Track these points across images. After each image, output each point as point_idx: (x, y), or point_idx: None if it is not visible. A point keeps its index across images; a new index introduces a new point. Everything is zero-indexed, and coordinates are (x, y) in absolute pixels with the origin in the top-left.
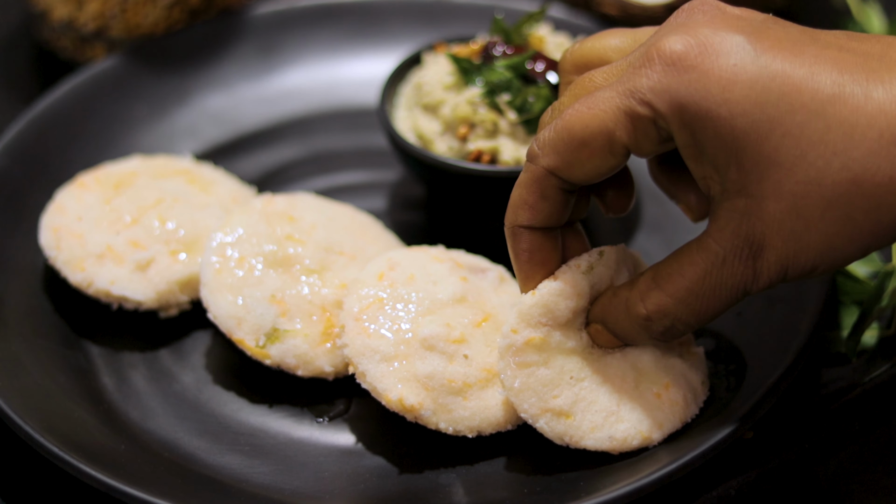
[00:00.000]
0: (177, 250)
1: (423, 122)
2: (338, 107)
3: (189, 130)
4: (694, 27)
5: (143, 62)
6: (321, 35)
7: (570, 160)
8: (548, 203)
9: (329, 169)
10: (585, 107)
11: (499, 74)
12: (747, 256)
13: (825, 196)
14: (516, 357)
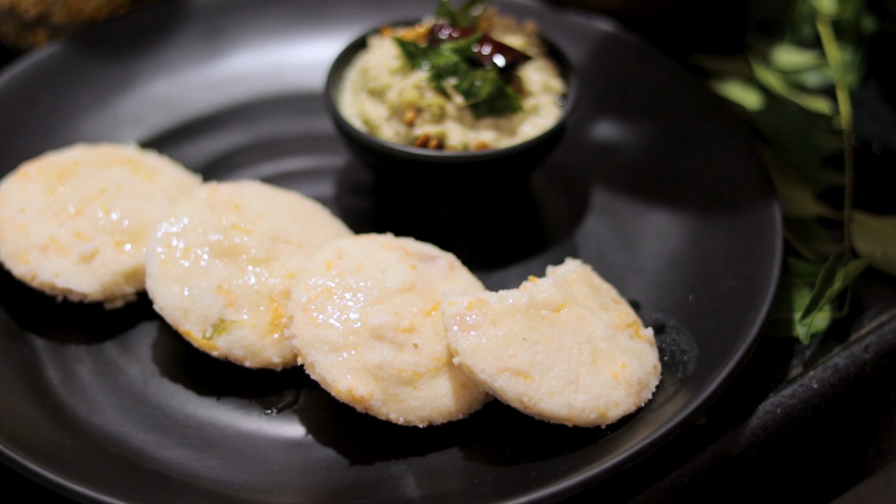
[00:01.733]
0: (121, 241)
1: (370, 107)
2: (284, 91)
3: (133, 117)
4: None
5: (85, 48)
6: (267, 18)
7: None
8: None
9: (275, 155)
10: None
11: (445, 58)
12: None
13: None
14: (462, 321)
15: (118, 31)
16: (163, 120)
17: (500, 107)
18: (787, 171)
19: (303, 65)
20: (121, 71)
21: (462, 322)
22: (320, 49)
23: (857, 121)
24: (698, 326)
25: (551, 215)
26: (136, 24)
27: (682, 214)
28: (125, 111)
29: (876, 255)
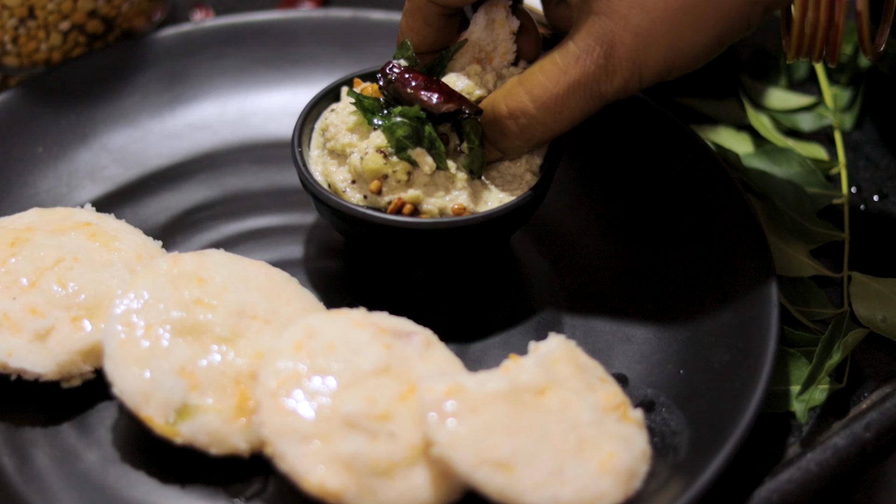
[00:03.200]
0: (78, 316)
1: (332, 170)
2: (249, 140)
3: (90, 171)
4: None
5: (38, 96)
6: (230, 60)
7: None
8: (431, 29)
9: (240, 212)
10: None
11: (402, 128)
12: (599, 55)
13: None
14: (440, 409)
15: (73, 75)
16: (122, 173)
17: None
18: (782, 225)
19: (269, 111)
20: (77, 120)
21: (440, 410)
22: (287, 93)
23: (854, 167)
24: (690, 405)
25: (533, 277)
26: (93, 68)
27: (670, 278)
28: (82, 164)
29: (877, 321)
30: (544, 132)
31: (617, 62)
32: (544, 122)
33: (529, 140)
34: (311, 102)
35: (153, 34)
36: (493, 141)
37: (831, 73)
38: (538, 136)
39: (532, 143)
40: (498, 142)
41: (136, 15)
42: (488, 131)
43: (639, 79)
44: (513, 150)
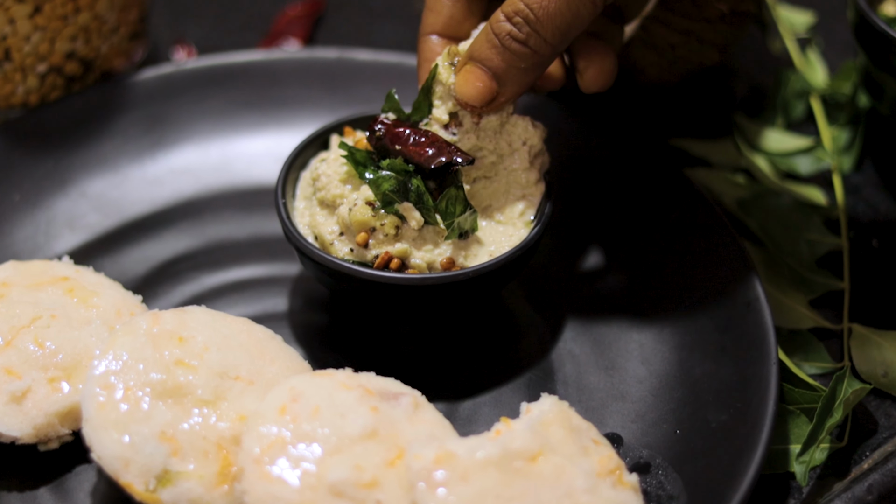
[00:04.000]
0: (56, 377)
1: (321, 221)
2: (232, 186)
3: (68, 219)
4: None
5: (15, 141)
6: (213, 103)
7: None
8: (448, 4)
9: (223, 262)
10: None
11: (388, 181)
12: None
13: None
14: (429, 478)
15: (51, 119)
16: (101, 221)
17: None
18: (780, 274)
19: (252, 155)
20: (54, 166)
21: (429, 479)
22: (271, 138)
23: (854, 211)
24: (686, 467)
25: (525, 330)
26: (71, 112)
27: (666, 332)
28: (60, 212)
29: (878, 376)
30: (542, 46)
31: None
32: (543, 32)
33: (529, 55)
34: (296, 151)
35: (133, 76)
36: (487, 59)
37: (830, 112)
38: (537, 48)
39: (530, 64)
40: (492, 61)
41: (115, 55)
42: (483, 51)
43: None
44: (509, 75)
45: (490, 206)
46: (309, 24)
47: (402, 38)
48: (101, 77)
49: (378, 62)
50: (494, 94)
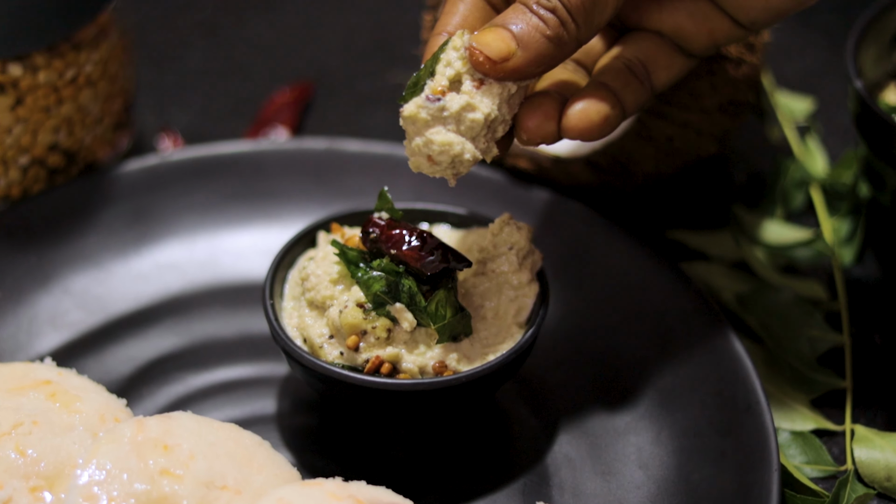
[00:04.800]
0: (38, 486)
1: (310, 323)
2: (219, 282)
3: (51, 317)
4: None
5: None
6: (199, 195)
7: None
8: (461, 3)
9: (209, 362)
10: None
11: (378, 282)
12: None
13: None
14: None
15: (33, 214)
16: (84, 319)
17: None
18: (780, 373)
19: (239, 250)
20: (37, 262)
21: None
22: (259, 232)
23: (856, 306)
24: None
25: (519, 433)
26: (54, 206)
27: (664, 436)
28: (43, 310)
29: (882, 480)
30: (568, 21)
31: None
32: (570, 4)
33: (553, 28)
34: (284, 249)
35: (117, 168)
36: (512, 20)
37: (830, 202)
38: (565, 20)
39: (553, 35)
40: (517, 21)
41: (99, 146)
42: (509, 14)
43: None
44: (530, 39)
45: (482, 307)
46: (297, 111)
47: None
48: (85, 169)
49: (368, 153)
50: (511, 54)
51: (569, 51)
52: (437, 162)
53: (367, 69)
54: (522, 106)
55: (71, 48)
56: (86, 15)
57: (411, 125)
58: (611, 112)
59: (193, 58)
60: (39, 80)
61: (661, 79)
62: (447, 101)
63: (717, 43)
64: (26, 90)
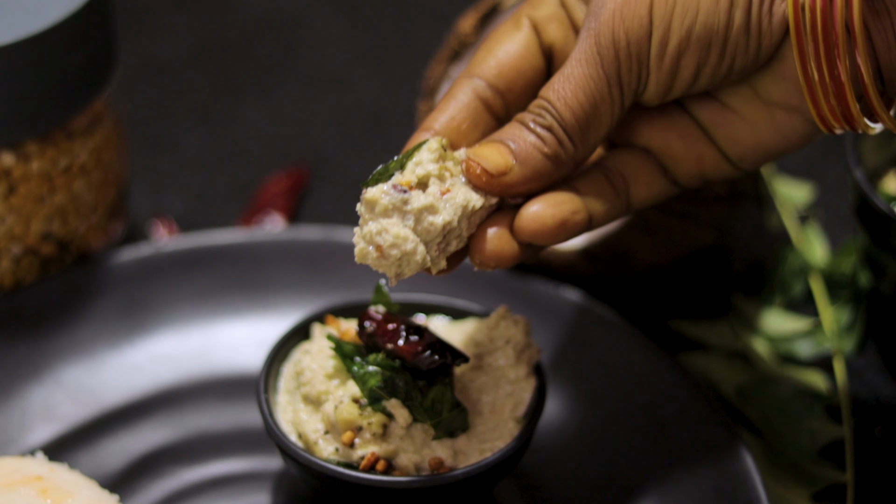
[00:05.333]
0: None
1: (304, 418)
2: (213, 374)
3: (43, 409)
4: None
5: None
6: (193, 286)
7: (481, 53)
8: (454, 101)
9: (203, 456)
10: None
11: (374, 377)
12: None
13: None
14: None
15: (25, 304)
16: (76, 411)
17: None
18: (781, 466)
19: (234, 341)
20: (29, 353)
21: None
22: (253, 323)
23: (856, 397)
24: None
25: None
26: (46, 296)
27: None
28: (34, 402)
29: None
30: (563, 134)
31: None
32: (564, 118)
33: (551, 145)
34: (279, 343)
35: (111, 258)
36: (510, 136)
37: (831, 290)
38: (559, 136)
39: (551, 152)
40: (515, 138)
41: (93, 235)
42: (506, 130)
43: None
44: (528, 156)
45: (479, 401)
46: (292, 199)
47: None
48: (79, 258)
49: None
50: (508, 169)
51: (566, 169)
52: (385, 255)
53: (363, 154)
54: (480, 227)
55: (64, 136)
56: (80, 103)
57: (369, 210)
58: (569, 217)
59: (188, 142)
60: (32, 168)
61: (640, 195)
62: (412, 195)
63: (704, 173)
64: (19, 179)
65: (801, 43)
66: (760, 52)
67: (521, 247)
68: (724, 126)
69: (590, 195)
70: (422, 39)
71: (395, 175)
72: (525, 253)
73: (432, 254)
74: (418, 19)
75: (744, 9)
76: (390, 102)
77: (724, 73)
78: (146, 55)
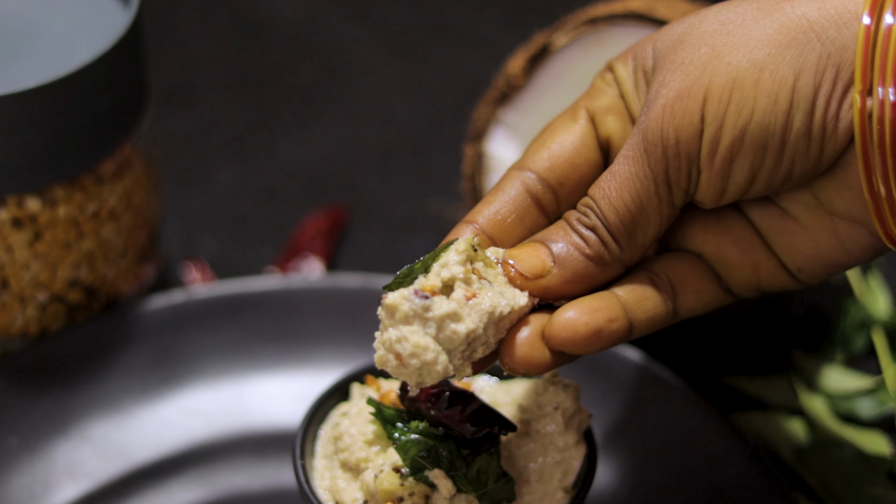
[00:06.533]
0: None
1: (342, 485)
2: (246, 429)
3: (69, 465)
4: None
5: (12, 379)
6: (226, 335)
7: (535, 145)
8: (501, 194)
9: None
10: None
11: (416, 445)
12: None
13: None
14: None
15: (52, 354)
16: (104, 468)
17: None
18: None
19: (268, 395)
20: (54, 406)
21: None
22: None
23: None
24: None
25: None
26: (73, 346)
27: None
28: (60, 458)
29: None
30: (608, 235)
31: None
32: (608, 219)
33: (594, 247)
34: (316, 405)
35: (141, 306)
36: (551, 237)
37: (894, 345)
38: (603, 236)
39: (594, 253)
40: (556, 238)
41: (123, 280)
42: (549, 231)
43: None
44: (569, 258)
45: (526, 469)
46: (331, 240)
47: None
48: (107, 305)
49: None
50: (546, 272)
51: (612, 272)
52: (404, 364)
53: (405, 193)
54: (511, 330)
55: (93, 181)
56: (109, 146)
57: (389, 316)
58: (605, 326)
59: (223, 177)
60: (59, 214)
61: (688, 303)
62: (434, 302)
63: (760, 283)
64: (45, 225)
65: (867, 155)
66: (822, 159)
67: (553, 354)
68: (783, 234)
69: (632, 301)
70: (467, 69)
71: (419, 279)
72: (559, 360)
73: (455, 362)
74: (463, 48)
75: (805, 112)
76: (434, 136)
77: (781, 177)
78: (179, 84)
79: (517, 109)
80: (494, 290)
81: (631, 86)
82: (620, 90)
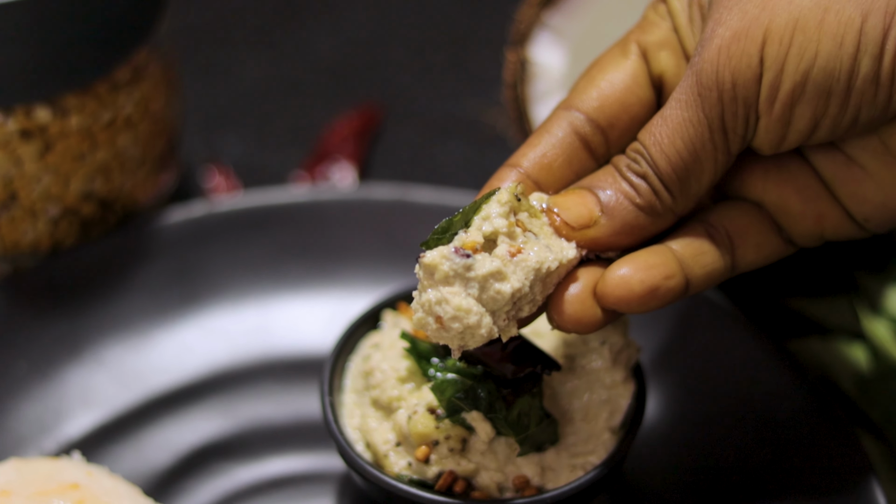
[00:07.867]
0: None
1: (373, 426)
2: (271, 355)
3: (82, 393)
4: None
5: (22, 300)
6: (251, 251)
7: (583, 82)
8: (547, 135)
9: (259, 452)
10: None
11: (453, 386)
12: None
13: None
14: None
15: (64, 273)
16: (119, 395)
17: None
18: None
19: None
20: (68, 329)
21: None
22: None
23: None
24: None
25: None
26: (87, 263)
27: None
28: (73, 385)
29: None
30: (658, 182)
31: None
32: (658, 165)
33: (644, 196)
34: (345, 335)
35: (159, 220)
36: (599, 183)
37: None
38: (655, 194)
39: (645, 203)
40: (605, 185)
41: (140, 190)
42: (598, 177)
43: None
44: (617, 207)
45: (570, 408)
46: (363, 143)
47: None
48: (123, 218)
49: (441, 205)
50: (593, 221)
51: (664, 223)
52: (445, 327)
53: (441, 92)
54: (560, 285)
55: (108, 88)
56: (123, 51)
57: (428, 276)
58: (661, 283)
59: (247, 73)
60: (71, 124)
61: (748, 257)
62: (476, 260)
63: (824, 233)
64: (56, 136)
65: None
66: (892, 105)
67: (605, 312)
68: (849, 182)
69: (689, 256)
70: None
71: (459, 234)
72: (610, 318)
73: (500, 323)
74: None
75: (873, 56)
76: (473, 28)
77: (846, 125)
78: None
79: (563, 12)
80: (541, 243)
81: (685, 19)
82: (674, 23)
